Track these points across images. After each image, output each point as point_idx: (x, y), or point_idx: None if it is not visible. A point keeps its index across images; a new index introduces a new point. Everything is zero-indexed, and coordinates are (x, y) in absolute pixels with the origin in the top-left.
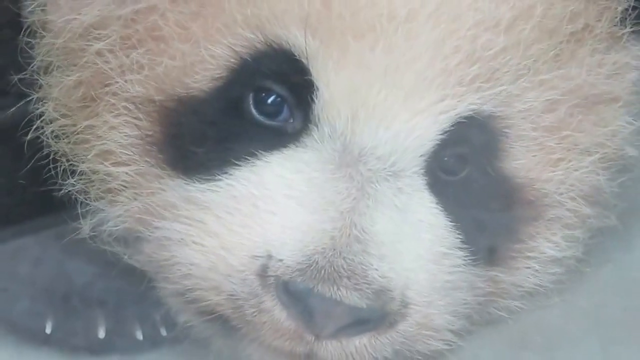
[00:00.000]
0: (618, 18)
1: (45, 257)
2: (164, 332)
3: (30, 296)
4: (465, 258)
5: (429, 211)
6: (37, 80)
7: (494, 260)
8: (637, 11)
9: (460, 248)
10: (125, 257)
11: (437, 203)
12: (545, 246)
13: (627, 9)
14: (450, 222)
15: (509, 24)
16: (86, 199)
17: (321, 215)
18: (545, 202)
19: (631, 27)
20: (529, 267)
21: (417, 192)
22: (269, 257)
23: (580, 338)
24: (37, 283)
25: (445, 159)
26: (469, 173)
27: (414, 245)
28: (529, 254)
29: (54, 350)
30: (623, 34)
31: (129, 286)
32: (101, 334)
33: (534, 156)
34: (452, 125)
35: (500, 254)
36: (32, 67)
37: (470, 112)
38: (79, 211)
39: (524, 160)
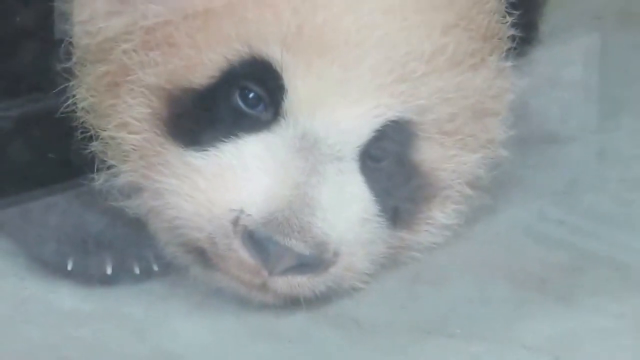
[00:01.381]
0: (503, 54)
1: (69, 211)
2: (155, 268)
3: (57, 240)
4: (381, 222)
5: (359, 188)
6: (75, 70)
7: (402, 224)
8: (515, 51)
9: (379, 215)
10: (127, 207)
11: (364, 182)
12: (439, 216)
13: (509, 49)
14: (373, 196)
15: (430, 56)
16: (105, 158)
17: (282, 184)
18: (441, 185)
19: (511, 62)
20: (427, 230)
21: (352, 173)
22: (241, 211)
23: (459, 275)
24: (62, 231)
25: (374, 150)
26: (390, 162)
27: (347, 212)
28: (427, 221)
29: (74, 282)
30: (506, 66)
31: (130, 233)
32: (109, 270)
33: (435, 152)
34: (382, 126)
35: (406, 220)
36: (72, 60)
37: (396, 117)
38: (96, 167)
39: (429, 155)
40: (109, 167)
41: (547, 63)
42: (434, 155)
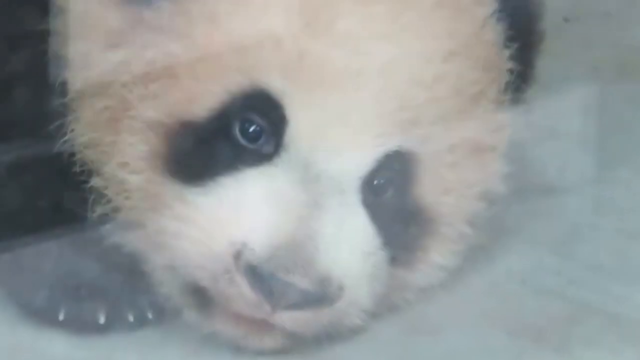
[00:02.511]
0: (502, 88)
1: (61, 257)
2: (150, 315)
3: (48, 288)
4: (383, 258)
5: (361, 220)
6: (72, 105)
7: (400, 261)
8: (514, 84)
9: (381, 250)
10: (124, 244)
11: (366, 215)
12: (436, 256)
13: (508, 82)
14: (375, 230)
15: (431, 83)
16: (106, 193)
17: (286, 218)
18: (439, 221)
19: (510, 95)
20: (423, 271)
21: (354, 205)
22: (244, 245)
23: (455, 325)
24: (53, 278)
25: (375, 182)
26: (391, 194)
27: (350, 246)
28: (424, 260)
29: (67, 330)
30: (505, 100)
31: (124, 280)
32: (102, 319)
33: (435, 185)
34: (383, 156)
35: (404, 258)
36: (70, 94)
37: (397, 148)
38: (92, 202)
39: (428, 188)
40: (108, 202)
41: (544, 113)
42: (434, 188)
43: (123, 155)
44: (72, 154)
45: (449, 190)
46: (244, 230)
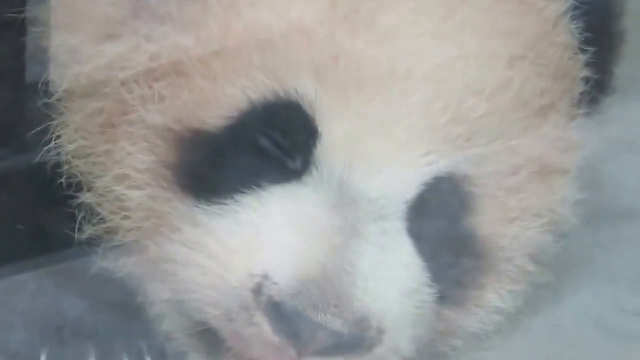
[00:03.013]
0: (576, 99)
1: (41, 292)
2: (148, 359)
3: (26, 328)
4: (430, 297)
5: (406, 252)
6: (59, 106)
7: (450, 302)
8: (590, 95)
9: (427, 287)
10: (120, 271)
11: (412, 245)
12: (492, 296)
13: (582, 93)
14: (422, 263)
15: (492, 92)
16: (99, 211)
17: (316, 246)
18: (498, 256)
19: (585, 109)
20: (476, 313)
21: (398, 234)
22: (265, 276)
23: None
24: (33, 316)
25: (423, 207)
26: (440, 222)
27: (392, 281)
28: (477, 301)
29: None
30: (578, 114)
31: (117, 317)
32: None
33: (494, 213)
34: (433, 178)
35: (455, 297)
36: (56, 93)
37: (450, 168)
38: (81, 220)
39: (486, 216)
40: (101, 221)
41: (622, 125)
42: (492, 217)
43: (121, 167)
44: (58, 165)
45: (510, 220)
46: (266, 260)
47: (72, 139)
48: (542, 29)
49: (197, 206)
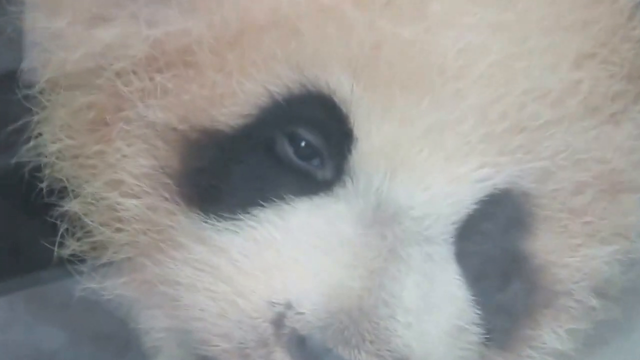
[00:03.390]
0: None
1: (14, 320)
2: None
3: None
4: (478, 335)
5: (454, 282)
6: (42, 99)
7: (501, 342)
8: None
9: (476, 324)
10: (109, 294)
11: (460, 274)
12: (549, 337)
13: None
14: (471, 296)
15: (557, 97)
16: (88, 221)
17: (350, 271)
18: (557, 289)
19: None
20: (529, 357)
21: (445, 260)
22: (288, 306)
23: None
24: (3, 350)
25: (474, 229)
26: (493, 248)
27: (437, 317)
28: (531, 343)
29: None
30: None
31: (104, 352)
32: None
33: (555, 238)
34: (487, 196)
35: (507, 337)
36: (38, 84)
37: (507, 185)
38: (63, 233)
39: (545, 242)
40: (87, 235)
41: None
42: (552, 243)
43: (115, 171)
44: (38, 168)
45: (573, 247)
46: (288, 285)
47: (56, 138)
48: (615, 21)
49: (205, 221)
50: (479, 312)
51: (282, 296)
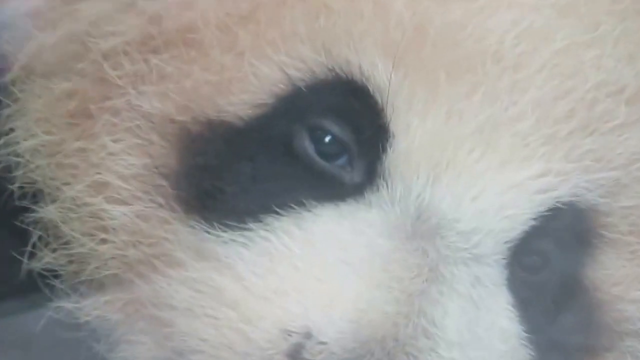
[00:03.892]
0: None
1: None
2: None
3: None
4: None
5: (504, 313)
6: (14, 88)
7: None
8: None
9: None
10: (88, 316)
11: (512, 304)
12: None
13: None
14: (524, 332)
15: (634, 93)
16: (66, 230)
17: (383, 293)
18: (623, 329)
19: None
20: None
21: (496, 286)
22: (307, 335)
23: None
24: None
25: (531, 250)
26: (549, 275)
27: (485, 354)
28: None
29: None
30: None
31: None
32: None
33: (623, 267)
34: (548, 210)
35: None
36: (10, 72)
37: (572, 197)
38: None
39: (611, 271)
40: (64, 246)
41: None
42: (619, 273)
43: (100, 172)
44: (8, 168)
45: None
46: (308, 310)
47: (30, 133)
48: None
49: (207, 232)
50: (532, 351)
51: (300, 323)
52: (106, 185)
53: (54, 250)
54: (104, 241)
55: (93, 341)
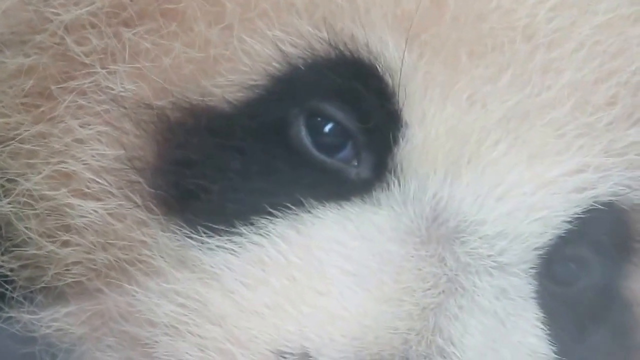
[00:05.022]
0: None
1: None
2: None
3: None
4: None
5: (533, 331)
6: None
7: None
8: None
9: None
10: (45, 330)
11: (542, 320)
12: None
13: None
14: (554, 352)
15: None
16: (21, 228)
17: (393, 307)
18: None
19: None
20: None
21: (523, 299)
22: (304, 356)
23: None
24: None
25: (565, 258)
26: (585, 286)
27: None
28: None
29: None
30: None
31: None
32: None
33: None
34: (586, 211)
35: None
36: None
37: (612, 197)
38: None
39: None
40: (20, 247)
41: None
42: None
43: (63, 161)
44: None
45: None
46: (306, 327)
47: None
48: None
49: (190, 237)
50: None
51: (296, 343)
52: (71, 176)
53: (6, 252)
54: (66, 243)
55: (50, 358)
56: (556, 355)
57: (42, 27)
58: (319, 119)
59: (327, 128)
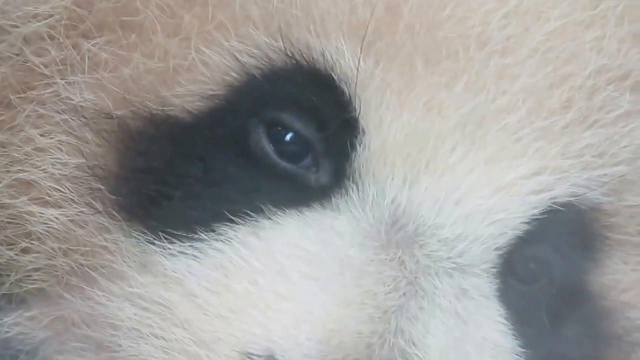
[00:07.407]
0: None
1: None
2: None
3: None
4: None
5: (496, 328)
6: None
7: None
8: None
9: None
10: (11, 328)
11: (505, 317)
12: None
13: None
14: (519, 347)
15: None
16: None
17: (355, 310)
18: (635, 339)
19: None
20: None
21: (485, 298)
22: (270, 358)
23: None
24: None
25: (524, 257)
26: (547, 284)
27: None
28: None
29: None
30: None
31: None
32: None
33: (633, 271)
34: (544, 213)
35: None
36: None
37: (570, 197)
38: None
39: (619, 276)
40: None
41: None
42: (627, 278)
43: (23, 169)
44: None
45: None
46: (271, 329)
47: None
48: None
49: (151, 242)
50: None
51: (261, 345)
52: (32, 185)
53: None
54: (26, 250)
55: None
56: (521, 348)
57: (1, 38)
58: (278, 127)
59: (286, 137)
